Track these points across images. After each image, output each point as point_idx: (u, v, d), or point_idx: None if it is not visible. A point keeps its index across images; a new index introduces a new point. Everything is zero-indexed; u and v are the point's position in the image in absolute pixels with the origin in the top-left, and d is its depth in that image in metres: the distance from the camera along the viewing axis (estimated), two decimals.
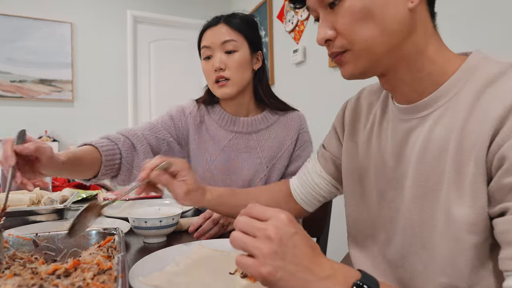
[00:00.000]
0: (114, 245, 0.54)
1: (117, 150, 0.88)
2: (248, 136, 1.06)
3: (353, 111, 0.74)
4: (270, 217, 0.44)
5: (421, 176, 0.56)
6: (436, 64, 0.54)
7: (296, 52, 2.45)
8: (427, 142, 0.55)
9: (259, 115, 1.08)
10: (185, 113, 1.08)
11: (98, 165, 0.83)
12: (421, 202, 0.56)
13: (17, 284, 0.40)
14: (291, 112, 1.11)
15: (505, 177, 0.44)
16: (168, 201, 1.16)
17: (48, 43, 2.93)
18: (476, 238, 0.49)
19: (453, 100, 0.52)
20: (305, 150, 1.09)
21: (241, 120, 1.06)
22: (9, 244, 0.53)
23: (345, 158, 0.74)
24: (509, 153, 0.43)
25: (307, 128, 1.12)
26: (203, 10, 3.42)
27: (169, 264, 0.58)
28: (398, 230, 0.61)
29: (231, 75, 0.98)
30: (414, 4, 0.51)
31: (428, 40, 0.54)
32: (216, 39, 0.99)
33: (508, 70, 0.48)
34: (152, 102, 3.39)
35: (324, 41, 0.55)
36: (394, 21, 0.51)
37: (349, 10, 0.52)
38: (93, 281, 0.42)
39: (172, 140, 1.03)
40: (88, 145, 0.83)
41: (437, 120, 0.54)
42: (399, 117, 0.61)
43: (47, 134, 2.88)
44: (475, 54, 0.54)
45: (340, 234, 0.99)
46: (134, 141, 0.92)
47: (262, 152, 1.06)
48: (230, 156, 1.06)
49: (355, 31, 0.52)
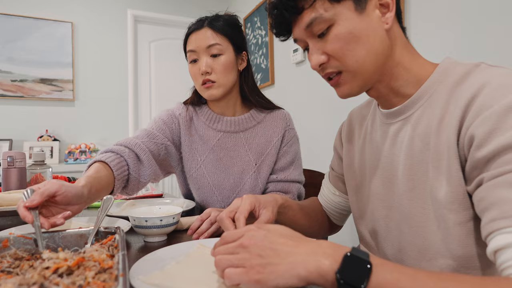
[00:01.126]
0: (115, 244, 0.54)
1: (123, 162, 0.88)
2: (236, 135, 1.10)
3: (347, 127, 0.82)
4: (242, 235, 0.49)
5: (410, 170, 0.61)
6: (411, 71, 0.62)
7: (296, 52, 2.45)
8: (412, 139, 0.61)
9: (246, 114, 1.11)
10: (175, 115, 1.10)
11: (113, 181, 0.82)
12: (413, 194, 0.61)
13: (18, 282, 0.40)
14: (277, 110, 1.15)
15: (476, 152, 0.49)
16: (168, 200, 1.16)
17: (49, 43, 2.93)
18: (458, 217, 0.54)
19: (430, 100, 0.60)
20: (292, 146, 1.13)
21: (228, 120, 1.10)
22: (10, 243, 0.53)
23: (345, 168, 0.81)
24: (476, 131, 0.49)
25: (293, 125, 1.16)
26: (203, 9, 3.41)
27: (169, 263, 0.58)
28: (393, 225, 0.66)
29: (217, 78, 1.02)
30: (389, 25, 0.59)
31: (403, 52, 0.62)
32: (201, 43, 1.02)
33: (472, 69, 0.56)
34: (153, 101, 3.39)
35: (319, 65, 0.62)
36: (377, 42, 0.59)
37: (337, 37, 0.59)
38: (94, 279, 0.42)
39: (169, 143, 1.05)
40: (98, 162, 0.82)
41: (418, 119, 0.61)
42: (385, 121, 0.68)
43: (48, 133, 2.89)
44: (446, 60, 0.61)
45: (339, 233, 1.00)
46: (137, 151, 0.92)
47: (250, 150, 1.10)
48: (219, 155, 1.09)
49: (345, 54, 0.59)
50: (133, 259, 0.61)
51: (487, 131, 0.48)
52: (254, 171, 1.09)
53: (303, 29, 0.61)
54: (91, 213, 1.04)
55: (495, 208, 0.44)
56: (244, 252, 0.45)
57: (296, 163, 1.13)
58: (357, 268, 0.40)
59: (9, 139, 2.77)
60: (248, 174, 1.09)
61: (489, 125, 0.48)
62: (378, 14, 0.59)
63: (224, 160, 1.10)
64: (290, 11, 0.61)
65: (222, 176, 1.09)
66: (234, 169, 1.09)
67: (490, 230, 0.45)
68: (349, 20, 0.58)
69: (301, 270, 0.42)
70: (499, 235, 0.43)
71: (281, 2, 0.61)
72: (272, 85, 2.85)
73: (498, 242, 0.43)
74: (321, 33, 0.60)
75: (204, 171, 1.09)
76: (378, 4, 0.59)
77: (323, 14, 0.58)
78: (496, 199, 0.45)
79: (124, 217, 0.89)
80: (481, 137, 0.48)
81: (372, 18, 0.59)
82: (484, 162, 0.48)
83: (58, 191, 0.59)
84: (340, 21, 0.58)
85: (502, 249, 0.42)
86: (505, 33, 1.25)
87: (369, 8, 0.59)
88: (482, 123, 0.48)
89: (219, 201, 1.10)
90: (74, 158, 2.81)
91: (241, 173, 1.09)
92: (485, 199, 0.47)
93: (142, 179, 0.92)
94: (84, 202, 0.66)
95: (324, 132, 2.21)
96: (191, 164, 1.09)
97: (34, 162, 1.18)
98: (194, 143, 1.09)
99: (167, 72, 3.43)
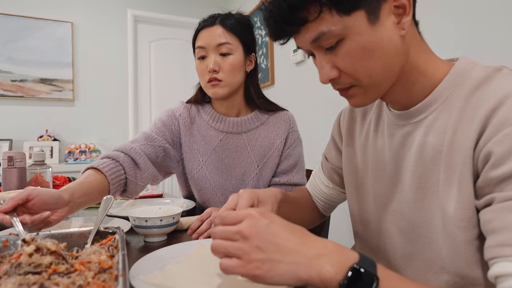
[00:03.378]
0: (114, 244, 0.54)
1: (119, 166, 0.89)
2: (239, 136, 1.09)
3: (348, 119, 0.76)
4: (242, 219, 0.45)
5: (419, 178, 0.57)
6: (427, 74, 0.57)
7: (296, 51, 2.45)
8: (423, 145, 0.57)
9: (249, 115, 1.10)
10: (176, 115, 1.10)
11: (107, 185, 0.84)
12: (421, 204, 0.57)
13: (18, 283, 0.40)
14: (281, 112, 1.14)
15: (492, 170, 0.46)
16: (168, 200, 1.16)
17: (49, 43, 2.93)
18: (466, 234, 0.50)
19: (444, 104, 0.55)
20: (295, 149, 1.11)
21: (231, 120, 1.08)
22: (10, 243, 0.53)
23: (345, 164, 0.76)
24: (494, 148, 0.45)
25: (297, 128, 1.14)
26: (204, 9, 3.41)
27: (169, 263, 0.58)
28: (399, 231, 0.62)
29: (224, 77, 1.01)
30: (405, 30, 0.53)
31: (418, 54, 0.57)
32: (211, 40, 1.00)
33: (493, 73, 0.51)
34: (153, 101, 3.39)
35: (329, 80, 0.56)
36: (393, 52, 0.53)
37: (348, 53, 0.52)
38: (93, 279, 0.42)
39: (168, 145, 1.04)
40: (90, 169, 0.84)
41: (431, 124, 0.56)
42: (395, 122, 0.62)
43: (48, 133, 2.89)
44: (462, 59, 0.56)
45: (339, 232, 1.00)
46: (133, 155, 0.93)
47: (253, 152, 1.08)
48: (221, 156, 1.08)
49: (358, 70, 0.53)
50: (133, 259, 0.61)
51: (507, 150, 0.44)
52: (256, 173, 1.08)
53: (308, 42, 0.54)
54: (91, 213, 1.04)
55: (503, 233, 0.42)
56: (243, 242, 0.42)
57: (299, 166, 1.12)
58: (363, 283, 0.39)
59: (9, 139, 2.77)
60: (250, 176, 1.08)
61: (510, 144, 0.44)
62: (394, 20, 0.52)
63: (226, 161, 1.08)
64: (292, 24, 0.52)
65: (224, 178, 1.09)
66: (236, 170, 1.08)
67: (495, 254, 0.43)
68: (361, 34, 0.50)
69: (302, 273, 0.40)
70: (504, 262, 0.41)
71: (280, 15, 0.52)
72: (272, 85, 2.85)
73: (502, 269, 0.41)
74: (330, 47, 0.53)
75: (206, 172, 1.08)
76: (392, 7, 0.52)
77: (332, 28, 0.50)
78: (505, 223, 0.43)
79: (124, 217, 0.89)
80: (499, 156, 0.45)
81: (386, 27, 0.51)
82: (497, 182, 0.45)
83: (31, 194, 0.62)
84: (351, 35, 0.51)
85: (504, 276, 0.41)
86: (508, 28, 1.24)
87: (383, 15, 0.51)
88: (502, 140, 0.45)
89: (222, 203, 1.09)
90: (74, 158, 2.81)
91: (243, 175, 1.08)
92: (493, 221, 0.44)
93: (140, 182, 0.94)
94: (68, 206, 0.68)
95: (324, 132, 2.20)
96: (192, 165, 1.08)
97: (34, 162, 1.18)
98: (195, 144, 1.08)
99: (167, 72, 3.43)
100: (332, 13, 0.49)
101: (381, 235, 0.67)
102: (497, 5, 1.27)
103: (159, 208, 0.84)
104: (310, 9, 0.50)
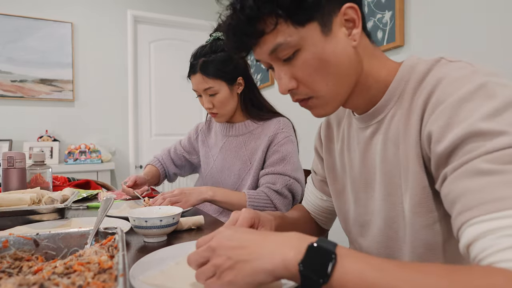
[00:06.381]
0: (114, 244, 0.54)
1: (161, 164, 1.47)
2: (237, 138, 1.30)
3: (326, 128, 0.80)
4: (212, 236, 0.48)
5: (386, 175, 0.60)
6: (380, 78, 0.60)
7: None
8: (385, 143, 0.60)
9: (246, 121, 1.29)
10: (197, 130, 1.46)
11: (159, 174, 1.45)
12: (392, 199, 0.60)
13: (18, 283, 0.40)
14: (273, 119, 1.27)
15: (436, 148, 0.48)
16: None
17: (49, 43, 2.93)
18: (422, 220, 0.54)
19: (399, 101, 0.58)
20: (283, 146, 1.21)
21: (235, 126, 1.31)
22: (10, 244, 0.53)
23: (327, 172, 0.79)
24: (433, 127, 0.49)
25: (288, 129, 1.25)
26: (203, 10, 3.42)
27: (169, 264, 0.58)
28: (377, 232, 0.65)
29: (218, 110, 1.22)
30: (356, 42, 0.56)
31: (372, 61, 0.60)
32: (197, 87, 1.20)
33: (433, 65, 0.55)
34: (153, 102, 3.39)
35: (288, 90, 0.58)
36: (347, 62, 0.56)
37: (305, 64, 0.55)
38: (93, 280, 0.42)
39: (186, 154, 1.46)
40: (149, 165, 1.46)
41: (389, 122, 0.59)
42: (359, 126, 0.66)
43: (48, 133, 2.89)
44: (409, 58, 0.60)
45: (338, 233, 1.00)
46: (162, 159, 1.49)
47: (246, 151, 1.27)
48: (224, 155, 1.32)
49: (315, 80, 0.56)
50: (133, 259, 0.61)
51: (442, 125, 0.47)
52: (249, 167, 1.25)
53: (266, 54, 0.57)
54: (91, 213, 1.04)
55: (459, 201, 0.42)
56: (214, 257, 0.44)
57: (288, 161, 1.19)
58: (321, 259, 0.38)
59: (9, 140, 2.77)
60: (245, 172, 1.25)
61: (444, 119, 0.47)
62: (345, 32, 0.56)
63: (228, 159, 1.30)
64: (251, 36, 0.55)
65: (227, 173, 1.29)
66: (235, 167, 1.27)
67: (458, 225, 0.42)
68: (315, 45, 0.54)
69: (267, 265, 0.41)
70: (467, 229, 0.41)
71: (239, 28, 0.55)
72: (271, 85, 2.85)
73: (468, 235, 0.40)
74: (287, 58, 0.56)
75: (214, 170, 1.33)
76: (343, 20, 0.56)
77: (288, 39, 0.53)
78: (458, 192, 0.43)
79: (124, 218, 0.89)
80: (437, 133, 0.48)
81: (339, 39, 0.55)
82: (445, 157, 0.47)
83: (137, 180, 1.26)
84: (306, 46, 0.54)
85: (472, 243, 0.40)
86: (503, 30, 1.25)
87: (335, 27, 0.55)
88: (437, 118, 0.48)
89: None
90: (74, 158, 2.81)
91: (239, 171, 1.26)
92: (449, 194, 0.45)
93: (172, 174, 1.49)
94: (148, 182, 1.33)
95: None
96: (206, 167, 1.38)
97: (34, 162, 1.18)
98: (210, 148, 1.38)
99: (167, 72, 3.43)
100: (287, 24, 0.53)
101: (367, 237, 0.68)
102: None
103: (159, 208, 0.85)
104: (267, 21, 0.53)
